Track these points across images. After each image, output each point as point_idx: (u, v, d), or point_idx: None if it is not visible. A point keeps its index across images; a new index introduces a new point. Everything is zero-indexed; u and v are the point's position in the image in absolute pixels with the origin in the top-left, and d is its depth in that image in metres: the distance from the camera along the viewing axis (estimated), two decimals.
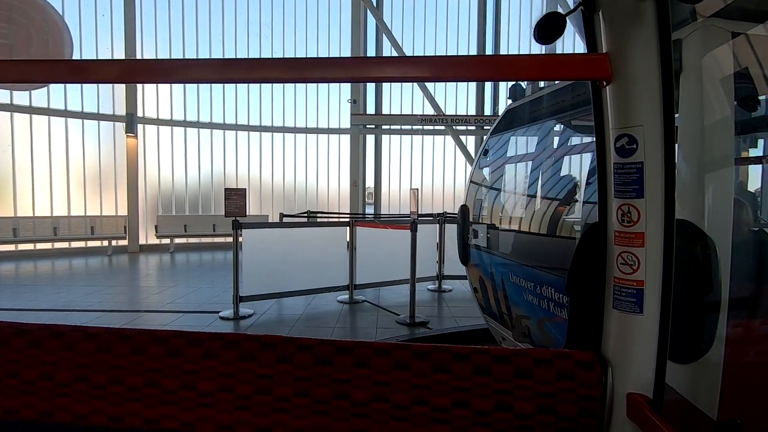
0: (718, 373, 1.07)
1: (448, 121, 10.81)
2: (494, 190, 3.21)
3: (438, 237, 6.37)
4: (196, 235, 10.60)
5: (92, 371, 0.99)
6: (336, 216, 9.21)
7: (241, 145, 11.53)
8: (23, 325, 1.05)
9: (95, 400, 0.98)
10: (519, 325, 2.47)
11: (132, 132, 9.93)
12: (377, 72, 1.00)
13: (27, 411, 0.99)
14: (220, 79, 1.06)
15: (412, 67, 0.95)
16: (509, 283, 2.57)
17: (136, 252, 10.02)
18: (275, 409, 0.95)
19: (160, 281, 7.24)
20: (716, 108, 1.17)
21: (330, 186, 12.08)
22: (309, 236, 5.62)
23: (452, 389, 0.93)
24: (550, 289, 2.09)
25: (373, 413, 0.94)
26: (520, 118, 2.86)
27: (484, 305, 3.14)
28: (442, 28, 11.92)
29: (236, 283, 4.73)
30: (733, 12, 1.18)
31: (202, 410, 0.96)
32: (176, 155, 10.96)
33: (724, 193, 1.16)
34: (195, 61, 1.07)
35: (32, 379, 0.99)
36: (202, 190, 11.22)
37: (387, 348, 0.98)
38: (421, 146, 12.02)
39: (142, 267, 8.48)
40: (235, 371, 0.96)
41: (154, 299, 5.80)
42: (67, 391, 0.98)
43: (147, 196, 10.60)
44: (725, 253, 1.09)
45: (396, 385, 0.94)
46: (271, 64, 0.98)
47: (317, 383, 0.95)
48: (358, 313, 5.17)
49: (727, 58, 1.18)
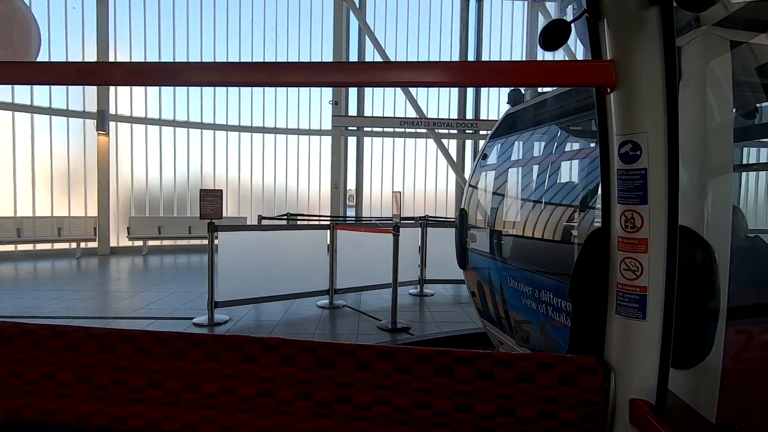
0: (717, 377, 1.08)
1: (430, 124, 10.79)
2: (493, 194, 3.19)
3: (420, 240, 6.32)
4: (171, 237, 10.25)
5: (95, 372, 0.99)
6: (316, 219, 9.06)
7: (219, 145, 11.24)
8: (27, 325, 1.05)
9: (97, 400, 0.98)
10: (519, 330, 2.45)
11: (103, 129, 9.54)
12: (381, 77, 0.98)
13: (29, 411, 0.99)
14: (222, 83, 1.03)
15: (417, 72, 0.95)
16: (508, 287, 2.55)
17: (106, 254, 9.62)
18: (277, 412, 0.95)
19: (131, 285, 6.94)
20: (715, 115, 1.18)
21: (311, 188, 11.89)
22: (288, 239, 5.47)
23: (454, 393, 0.93)
24: (550, 294, 2.07)
25: (374, 416, 0.94)
26: (520, 122, 2.85)
27: (482, 309, 3.13)
28: (424, 31, 11.93)
29: (211, 288, 4.55)
30: (733, 21, 1.20)
31: (205, 412, 0.96)
32: (151, 154, 10.59)
33: (723, 199, 1.16)
34: (197, 65, 1.04)
35: (35, 379, 0.99)
36: (177, 191, 10.87)
37: (389, 351, 0.98)
38: (403, 149, 11.99)
39: (112, 270, 8.14)
40: (237, 373, 0.97)
41: (124, 304, 5.55)
42: (69, 392, 0.98)
43: (119, 197, 10.18)
44: (724, 260, 1.10)
45: (398, 388, 0.94)
46: (279, 68, 0.98)
47: (319, 386, 0.95)
48: (339, 318, 5.06)
49: (726, 66, 1.19)
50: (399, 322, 4.66)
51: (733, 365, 1.12)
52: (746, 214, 1.80)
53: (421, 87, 11.28)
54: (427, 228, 6.34)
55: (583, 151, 2.36)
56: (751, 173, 2.63)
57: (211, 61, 2.05)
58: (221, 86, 8.19)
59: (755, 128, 1.47)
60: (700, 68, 1.20)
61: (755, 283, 1.24)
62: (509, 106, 2.98)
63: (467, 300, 6.05)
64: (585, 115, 2.12)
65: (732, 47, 1.19)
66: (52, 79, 0.79)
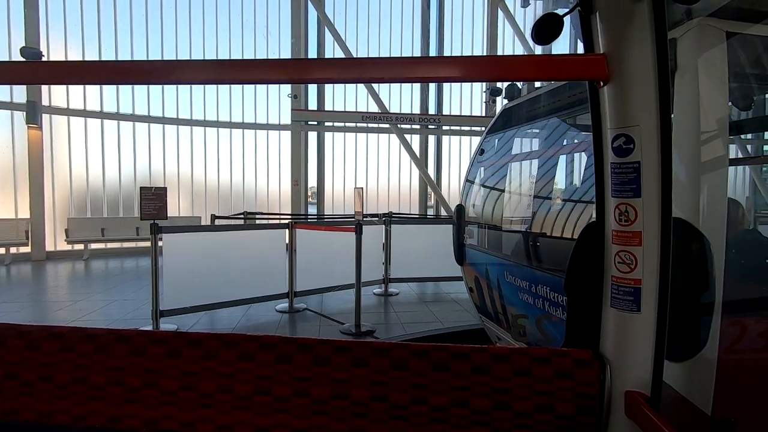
0: (713, 370, 1.09)
1: (393, 119, 10.62)
2: (490, 189, 3.18)
3: (384, 238, 6.14)
4: (116, 239, 9.46)
5: (91, 372, 0.98)
6: (276, 217, 8.66)
7: (169, 141, 10.53)
8: (23, 327, 1.05)
9: (94, 401, 0.98)
10: (515, 324, 2.44)
11: (35, 123, 8.63)
12: (369, 73, 0.96)
13: (27, 412, 0.99)
14: (213, 81, 1.08)
15: (406, 68, 0.95)
16: (505, 282, 2.56)
17: (41, 260, 8.74)
18: (274, 410, 0.95)
19: (69, 293, 6.29)
20: (711, 107, 1.18)
21: (270, 186, 11.40)
22: (243, 240, 5.10)
23: (451, 388, 0.94)
24: (547, 289, 2.10)
25: (372, 413, 0.94)
26: (516, 117, 2.87)
27: (479, 305, 3.13)
28: (385, 23, 11.72)
29: (155, 296, 4.14)
30: (728, 12, 1.20)
31: (202, 411, 0.96)
32: (92, 150, 9.73)
33: (719, 192, 1.16)
34: (187, 63, 1.00)
35: (31, 381, 0.99)
36: (123, 190, 10.06)
37: (386, 347, 0.99)
38: (366, 144, 11.74)
39: (48, 277, 7.40)
40: (234, 372, 0.97)
41: (59, 315, 4.98)
42: (65, 393, 0.98)
43: (55, 197, 9.28)
44: (719, 252, 1.11)
45: (395, 384, 0.95)
46: (276, 65, 0.95)
47: (316, 383, 0.95)
48: (299, 322, 4.78)
49: (722, 57, 1.19)
50: (363, 324, 4.46)
51: (729, 357, 1.12)
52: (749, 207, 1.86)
53: (416, 82, 11.14)
54: (392, 225, 6.17)
55: (581, 145, 2.38)
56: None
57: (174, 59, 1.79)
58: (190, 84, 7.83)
59: (751, 121, 1.47)
60: (695, 60, 1.19)
61: (752, 276, 1.25)
62: (506, 100, 3.01)
63: (433, 299, 5.95)
64: (581, 108, 2.13)
65: (728, 38, 1.18)
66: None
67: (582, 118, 2.20)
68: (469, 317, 4.97)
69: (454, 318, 4.89)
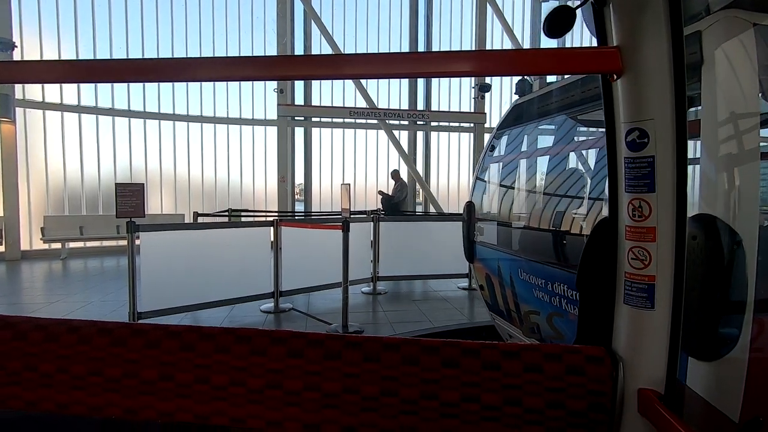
0: (743, 372, 1.05)
1: (381, 115, 10.49)
2: (501, 186, 3.14)
3: (372, 235, 6.01)
4: (96, 238, 9.15)
5: (107, 365, 1.00)
6: (262, 215, 8.46)
7: (151, 136, 10.22)
8: (40, 320, 1.07)
9: (110, 392, 0.99)
10: (527, 321, 2.40)
11: (8, 116, 8.27)
12: (373, 69, 0.96)
13: (46, 403, 1.01)
14: (196, 78, 1.08)
15: (414, 63, 0.95)
16: (519, 280, 2.51)
17: (16, 260, 8.40)
18: (286, 403, 0.96)
19: (44, 294, 6.04)
20: (741, 100, 1.16)
21: (256, 182, 11.18)
22: (226, 238, 4.93)
23: (461, 384, 0.94)
24: (563, 286, 2.06)
25: (382, 407, 0.94)
26: (528, 113, 2.81)
27: (490, 303, 3.09)
28: (373, 17, 11.55)
29: (132, 298, 3.96)
30: (747, 3, 1.17)
31: (216, 403, 0.97)
32: (70, 146, 9.40)
33: (751, 186, 1.12)
34: (194, 60, 0.98)
35: (50, 373, 1.01)
36: (103, 187, 9.74)
37: (396, 343, 0.99)
38: (354, 140, 11.58)
39: (23, 277, 7.11)
40: (246, 365, 0.98)
41: None
42: (82, 384, 1.00)
43: (30, 194, 8.93)
44: (752, 248, 1.07)
45: (405, 379, 0.95)
46: (262, 62, 0.94)
47: (327, 377, 0.96)
48: (285, 323, 4.64)
49: (751, 49, 1.15)
50: (351, 324, 4.34)
51: (761, 358, 1.08)
52: None
53: (427, 78, 10.86)
54: (380, 222, 6.05)
55: (593, 141, 2.32)
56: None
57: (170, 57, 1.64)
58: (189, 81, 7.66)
59: None
60: (722, 52, 1.16)
61: None
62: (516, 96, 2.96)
63: (421, 297, 5.85)
64: (595, 104, 2.07)
65: (755, 30, 1.15)
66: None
67: (596, 114, 2.17)
68: (459, 316, 4.89)
69: (443, 317, 4.80)
